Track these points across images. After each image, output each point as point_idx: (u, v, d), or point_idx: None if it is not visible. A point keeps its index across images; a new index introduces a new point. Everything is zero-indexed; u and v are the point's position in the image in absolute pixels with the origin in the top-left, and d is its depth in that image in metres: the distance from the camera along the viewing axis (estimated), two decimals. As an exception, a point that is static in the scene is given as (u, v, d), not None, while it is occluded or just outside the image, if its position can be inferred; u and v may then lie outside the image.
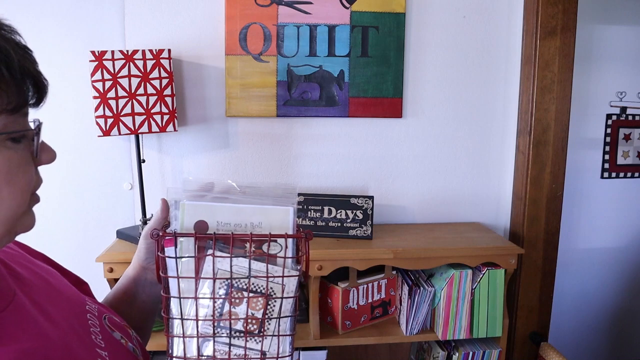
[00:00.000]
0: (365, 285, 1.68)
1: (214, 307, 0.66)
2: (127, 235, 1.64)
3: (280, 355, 0.68)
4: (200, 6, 1.73)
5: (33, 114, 0.54)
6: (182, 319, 0.66)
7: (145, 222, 1.64)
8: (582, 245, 2.13)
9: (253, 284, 0.66)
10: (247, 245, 0.65)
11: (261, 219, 0.67)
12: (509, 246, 1.68)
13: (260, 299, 0.66)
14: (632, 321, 2.23)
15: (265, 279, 0.66)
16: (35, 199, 0.56)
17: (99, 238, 1.75)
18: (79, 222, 1.78)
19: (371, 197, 1.72)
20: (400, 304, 1.71)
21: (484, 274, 1.65)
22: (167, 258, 0.66)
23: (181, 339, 0.66)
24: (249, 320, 0.66)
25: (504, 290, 1.68)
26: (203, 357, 0.66)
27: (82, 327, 0.63)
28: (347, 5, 1.76)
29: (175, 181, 1.82)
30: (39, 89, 0.52)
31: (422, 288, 1.63)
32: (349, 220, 1.71)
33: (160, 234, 0.65)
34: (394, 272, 1.74)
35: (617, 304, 2.21)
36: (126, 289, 0.82)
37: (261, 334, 0.67)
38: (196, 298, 0.66)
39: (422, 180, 1.92)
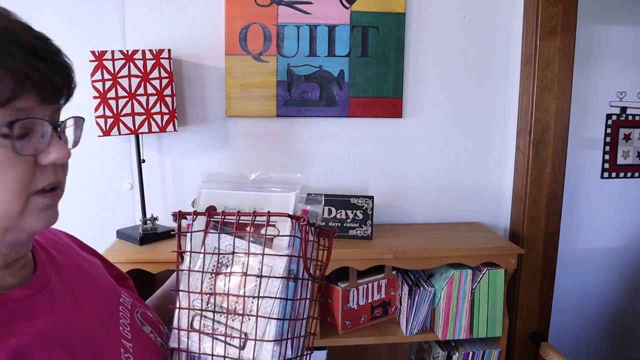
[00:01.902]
0: (365, 285, 1.68)
1: (202, 281, 0.69)
2: (127, 235, 1.64)
3: (260, 338, 0.66)
4: (200, 6, 1.73)
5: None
6: (178, 290, 0.71)
7: (145, 222, 1.64)
8: (582, 245, 2.13)
9: (242, 263, 0.68)
10: (248, 228, 0.69)
11: (263, 205, 0.71)
12: (509, 246, 1.68)
13: (248, 279, 0.67)
14: (632, 321, 2.23)
15: (255, 259, 0.68)
16: (49, 198, 0.55)
17: (99, 238, 1.75)
18: (79, 222, 1.78)
19: (371, 197, 1.72)
20: (400, 304, 1.71)
21: (484, 274, 1.65)
22: (184, 237, 0.73)
23: (180, 310, 0.70)
24: (235, 299, 0.67)
25: (504, 290, 1.68)
26: (191, 330, 0.69)
27: (111, 318, 0.66)
28: (347, 5, 1.76)
29: (175, 181, 1.82)
30: (38, 86, 0.51)
31: (422, 288, 1.63)
32: (349, 220, 1.71)
33: (172, 213, 0.72)
34: (394, 272, 1.74)
35: (617, 304, 2.21)
36: (169, 289, 0.86)
37: (243, 313, 0.67)
38: (189, 271, 0.71)
39: (422, 180, 1.92)
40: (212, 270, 0.70)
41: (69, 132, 0.58)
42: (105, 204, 1.80)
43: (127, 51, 1.53)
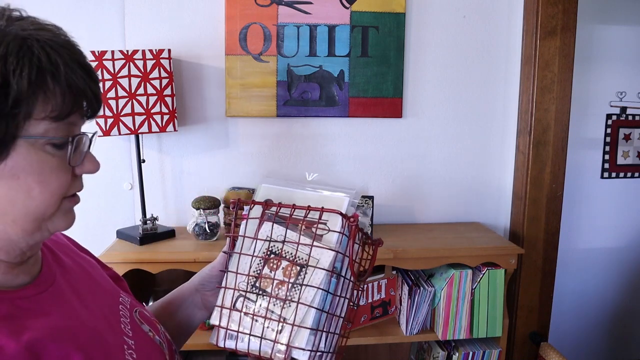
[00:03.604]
0: (365, 285, 1.68)
1: (250, 264, 0.74)
2: (127, 235, 1.64)
3: (297, 324, 0.68)
4: (200, 6, 1.73)
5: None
6: (226, 271, 0.76)
7: (145, 222, 1.64)
8: (582, 245, 2.13)
9: (290, 253, 0.73)
10: (300, 224, 0.73)
11: (318, 204, 0.74)
12: (509, 246, 1.68)
13: (294, 268, 0.71)
14: (632, 321, 2.23)
15: (303, 251, 0.72)
16: (73, 202, 0.61)
17: (99, 238, 1.75)
18: (79, 222, 1.77)
19: (371, 197, 1.72)
20: (400, 304, 1.71)
21: (484, 274, 1.65)
22: (240, 223, 0.79)
23: (225, 290, 0.75)
24: (279, 285, 0.71)
25: (504, 290, 1.68)
26: (233, 309, 0.73)
27: (113, 316, 0.68)
28: (347, 5, 1.76)
29: (175, 181, 1.82)
30: (88, 104, 0.57)
31: (422, 288, 1.63)
32: (349, 220, 1.71)
33: (232, 200, 0.78)
34: (394, 272, 1.74)
35: (617, 304, 2.21)
36: (172, 301, 0.87)
37: (285, 298, 0.70)
38: (240, 254, 0.76)
39: (422, 180, 1.92)
40: (264, 255, 0.74)
41: (92, 144, 0.63)
42: (105, 204, 1.80)
43: (127, 51, 1.53)
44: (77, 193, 0.62)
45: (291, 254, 0.72)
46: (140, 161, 1.64)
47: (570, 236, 2.09)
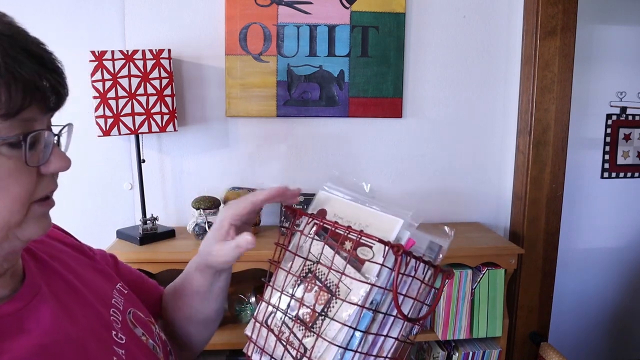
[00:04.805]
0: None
1: (284, 282, 0.68)
2: (127, 235, 1.64)
3: (315, 359, 0.61)
4: (200, 6, 1.73)
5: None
6: (268, 284, 0.71)
7: (145, 222, 1.64)
8: (582, 245, 2.13)
9: (323, 274, 0.65)
10: (346, 243, 0.64)
11: (369, 222, 0.67)
12: (509, 246, 1.68)
13: (323, 294, 0.63)
14: (632, 321, 2.23)
15: (338, 276, 0.63)
16: (46, 205, 0.55)
17: (99, 238, 1.75)
18: (79, 222, 1.78)
19: (371, 197, 1.72)
20: (400, 304, 1.71)
21: (484, 274, 1.65)
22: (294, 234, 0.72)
23: (261, 301, 0.71)
24: (305, 309, 0.64)
25: (504, 290, 1.68)
26: (264, 325, 0.69)
27: (103, 324, 0.64)
28: (347, 5, 1.76)
29: (175, 181, 1.82)
30: (44, 96, 0.51)
31: (422, 288, 1.63)
32: (349, 220, 1.71)
33: (291, 208, 0.73)
34: (394, 272, 1.74)
35: (617, 304, 2.21)
36: (198, 288, 0.80)
37: (307, 327, 0.63)
38: (279, 267, 0.71)
39: (422, 180, 1.92)
40: (300, 273, 0.67)
41: (62, 139, 0.57)
42: (105, 204, 1.80)
43: (127, 51, 1.53)
44: (52, 196, 0.56)
45: (326, 276, 0.64)
46: (140, 161, 1.64)
47: (570, 236, 2.09)
